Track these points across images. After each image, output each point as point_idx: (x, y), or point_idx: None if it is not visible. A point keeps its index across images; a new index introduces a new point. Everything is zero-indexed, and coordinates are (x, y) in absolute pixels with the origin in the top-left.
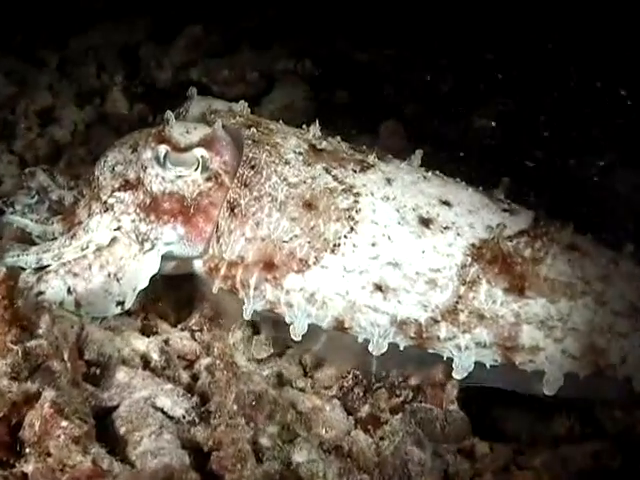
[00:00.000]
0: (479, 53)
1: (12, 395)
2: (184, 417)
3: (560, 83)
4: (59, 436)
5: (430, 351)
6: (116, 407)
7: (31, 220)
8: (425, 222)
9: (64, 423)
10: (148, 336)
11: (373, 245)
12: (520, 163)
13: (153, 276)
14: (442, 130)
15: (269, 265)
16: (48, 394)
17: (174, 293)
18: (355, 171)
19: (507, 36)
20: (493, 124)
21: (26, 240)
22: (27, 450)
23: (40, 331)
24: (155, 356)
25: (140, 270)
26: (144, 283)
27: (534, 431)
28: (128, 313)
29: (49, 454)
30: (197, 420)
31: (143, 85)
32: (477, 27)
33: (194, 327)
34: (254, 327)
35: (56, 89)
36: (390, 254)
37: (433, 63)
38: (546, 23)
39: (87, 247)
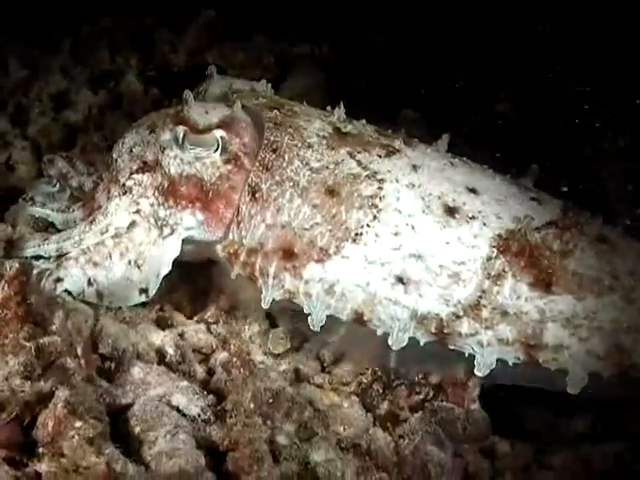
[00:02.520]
0: (498, 38)
1: (25, 395)
2: (199, 416)
3: (581, 69)
4: (73, 437)
5: (451, 347)
6: (130, 405)
7: (52, 209)
8: (450, 211)
9: (78, 423)
10: (163, 329)
11: (396, 235)
12: (543, 149)
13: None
14: (461, 117)
15: (289, 253)
16: (62, 394)
17: (190, 284)
18: (380, 156)
19: (525, 21)
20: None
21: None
22: (40, 450)
23: (54, 327)
24: (170, 350)
25: (161, 255)
26: (167, 268)
27: (555, 429)
28: (143, 304)
29: (63, 454)
30: (212, 419)
31: (157, 69)
32: (495, 12)
33: (210, 320)
34: (271, 320)
35: (70, 73)
36: (413, 245)
37: (450, 49)
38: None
39: (107, 231)
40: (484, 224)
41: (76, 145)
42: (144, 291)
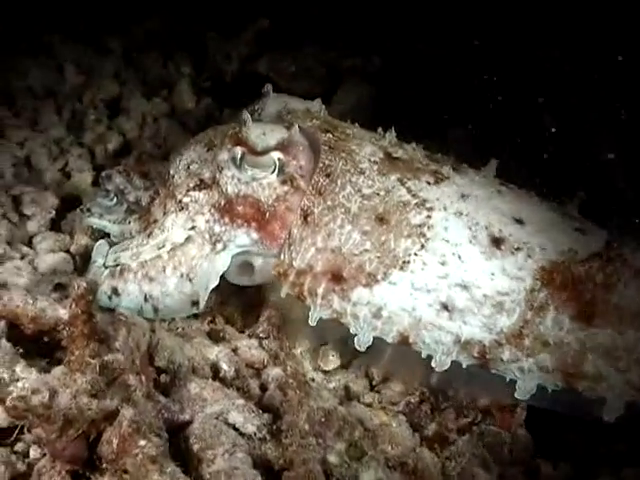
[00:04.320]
0: (545, 50)
1: (91, 413)
2: (255, 434)
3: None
4: (137, 454)
5: (493, 371)
6: (189, 422)
7: (109, 221)
8: (496, 241)
9: (142, 442)
10: (216, 341)
11: (443, 264)
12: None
13: (222, 275)
14: (508, 135)
15: (337, 277)
16: (127, 412)
17: (240, 297)
18: (429, 183)
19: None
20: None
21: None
22: (104, 466)
23: (117, 344)
24: (225, 366)
25: (211, 269)
26: (215, 281)
27: (595, 450)
28: (195, 316)
29: (126, 471)
30: (268, 437)
31: (210, 78)
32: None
33: (261, 335)
34: (321, 336)
35: (122, 78)
36: (459, 274)
37: (499, 62)
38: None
39: (163, 246)
40: (529, 256)
41: (131, 154)
42: (195, 303)
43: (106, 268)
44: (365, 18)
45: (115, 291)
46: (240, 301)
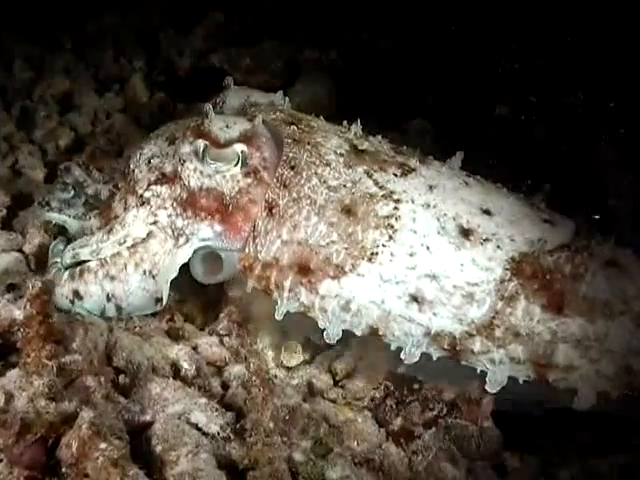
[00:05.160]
0: (504, 42)
1: (49, 416)
2: (219, 434)
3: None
4: (97, 458)
5: (463, 363)
6: (150, 422)
7: (69, 216)
8: (465, 232)
9: (102, 445)
10: (176, 340)
11: (411, 255)
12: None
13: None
14: (467, 125)
15: (304, 269)
16: (86, 415)
17: (199, 294)
18: (396, 175)
19: (531, 25)
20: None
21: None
22: (64, 470)
23: (74, 345)
24: (185, 365)
25: (172, 264)
26: (174, 273)
27: (560, 441)
28: (153, 315)
29: (87, 475)
30: (232, 436)
31: (163, 72)
32: (499, 17)
33: (222, 332)
34: (283, 333)
35: (73, 73)
36: (428, 265)
37: (457, 53)
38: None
39: (124, 242)
40: (498, 247)
41: (83, 150)
42: (158, 300)
43: (65, 269)
44: (322, 11)
45: (77, 294)
46: (199, 298)
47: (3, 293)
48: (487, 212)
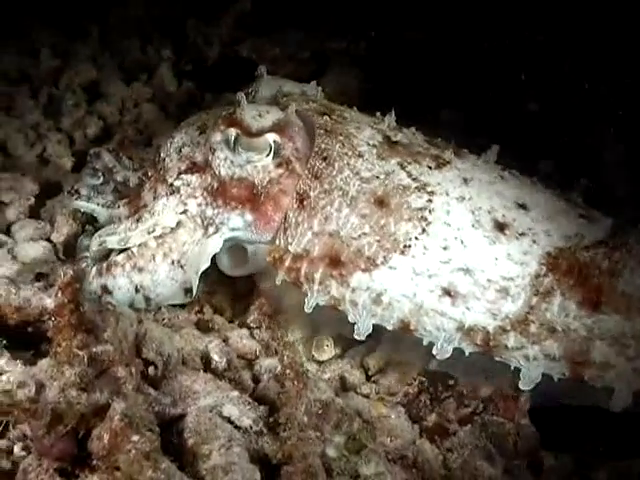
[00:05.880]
0: (530, 35)
1: (81, 407)
2: (251, 427)
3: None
4: (129, 450)
5: (497, 359)
6: (181, 415)
7: (97, 204)
8: (500, 227)
9: (135, 437)
10: (205, 332)
11: (445, 249)
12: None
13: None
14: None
15: (335, 261)
16: (118, 406)
17: (229, 286)
18: (430, 168)
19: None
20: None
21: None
22: (94, 463)
23: (105, 335)
24: (216, 357)
25: (202, 253)
26: (206, 264)
27: (596, 440)
28: (182, 306)
29: (118, 468)
30: (265, 430)
31: (191, 62)
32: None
33: (252, 324)
34: (314, 326)
35: (99, 62)
36: (462, 259)
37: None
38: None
39: (153, 230)
40: (534, 241)
41: (111, 139)
42: (188, 291)
43: (92, 260)
44: (350, 1)
45: (105, 289)
46: (228, 290)
47: (32, 282)
48: (523, 206)
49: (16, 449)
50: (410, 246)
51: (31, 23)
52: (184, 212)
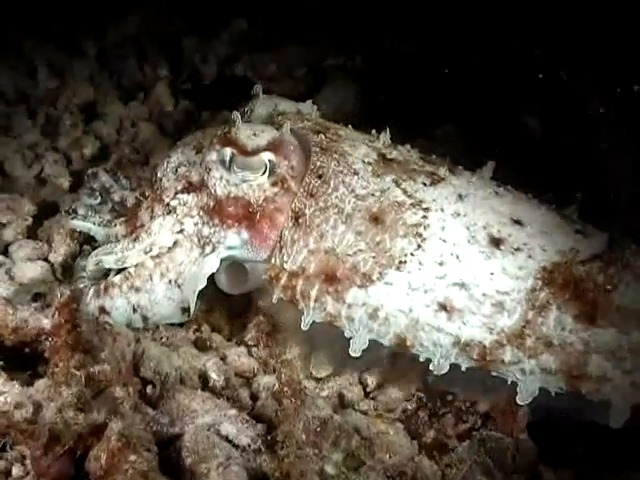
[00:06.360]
0: (527, 49)
1: (78, 427)
2: (249, 446)
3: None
4: (127, 470)
5: (493, 374)
6: (179, 434)
7: (94, 223)
8: (496, 242)
9: (132, 457)
10: (203, 350)
11: (440, 264)
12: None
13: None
14: (494, 132)
15: (331, 278)
16: (115, 426)
17: (226, 304)
18: (425, 184)
19: (557, 32)
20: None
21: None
22: None
23: (103, 355)
24: (214, 375)
25: (199, 273)
26: (203, 283)
27: (596, 454)
28: (180, 325)
29: None
30: (263, 449)
31: (188, 80)
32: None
33: (250, 342)
34: (312, 344)
35: (96, 81)
36: (457, 274)
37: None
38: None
39: (150, 250)
40: (529, 256)
41: (108, 159)
42: (186, 310)
43: (89, 280)
44: (345, 17)
45: (103, 310)
46: (226, 308)
47: (30, 302)
48: (518, 222)
49: (14, 470)
50: (406, 262)
51: (28, 42)
52: (181, 231)
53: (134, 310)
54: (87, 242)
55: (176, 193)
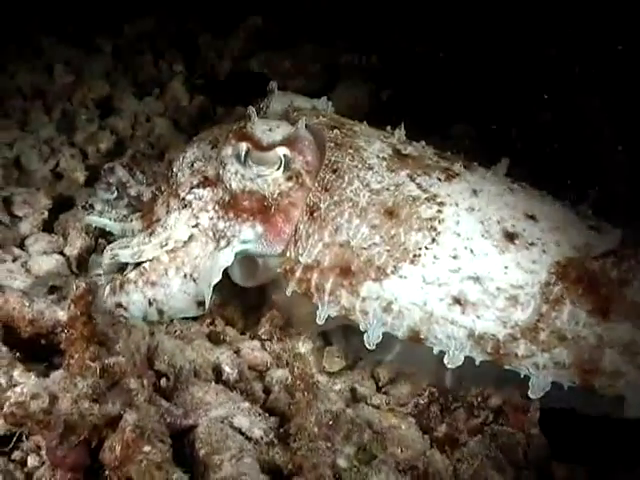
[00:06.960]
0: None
1: (93, 418)
2: (262, 438)
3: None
4: (141, 461)
5: (507, 367)
6: (192, 426)
7: (110, 218)
8: (510, 236)
9: (146, 448)
10: (217, 344)
11: (454, 258)
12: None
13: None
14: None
15: (346, 271)
16: (130, 417)
17: (240, 298)
18: (440, 179)
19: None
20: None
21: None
22: (107, 473)
23: (117, 347)
24: (227, 369)
25: (214, 266)
26: (218, 277)
27: (609, 451)
28: (194, 318)
29: (130, 478)
30: (275, 441)
31: (203, 76)
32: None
33: (263, 336)
34: (325, 338)
35: (112, 77)
36: (471, 268)
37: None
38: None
39: (166, 244)
40: (543, 251)
41: (123, 153)
42: (201, 304)
43: (105, 275)
44: (360, 14)
45: (120, 306)
46: (240, 302)
47: (45, 295)
48: (532, 218)
49: (30, 460)
50: (420, 255)
51: (45, 40)
52: (196, 226)
53: (150, 304)
54: (102, 235)
55: (192, 188)
